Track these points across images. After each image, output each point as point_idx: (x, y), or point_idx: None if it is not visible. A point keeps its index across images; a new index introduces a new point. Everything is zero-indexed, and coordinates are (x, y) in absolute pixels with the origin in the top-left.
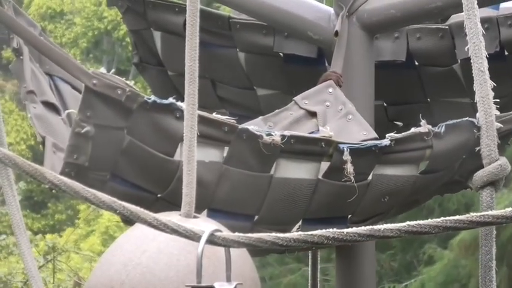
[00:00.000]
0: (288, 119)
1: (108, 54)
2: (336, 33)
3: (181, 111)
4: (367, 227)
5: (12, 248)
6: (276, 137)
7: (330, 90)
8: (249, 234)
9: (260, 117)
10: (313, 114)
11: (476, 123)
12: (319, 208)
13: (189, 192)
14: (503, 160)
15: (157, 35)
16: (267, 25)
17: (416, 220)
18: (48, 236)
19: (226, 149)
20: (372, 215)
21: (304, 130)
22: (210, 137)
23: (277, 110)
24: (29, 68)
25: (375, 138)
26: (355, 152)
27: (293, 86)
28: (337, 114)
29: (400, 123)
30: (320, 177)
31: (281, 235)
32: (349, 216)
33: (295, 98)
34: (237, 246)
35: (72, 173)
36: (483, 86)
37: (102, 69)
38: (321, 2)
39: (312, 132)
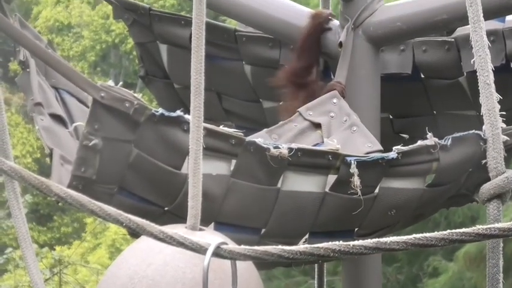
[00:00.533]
0: (292, 130)
1: (115, 68)
2: (340, 44)
3: (189, 124)
4: (374, 240)
5: (19, 261)
6: (284, 150)
7: (335, 100)
8: (255, 247)
9: (264, 129)
10: (317, 126)
11: (482, 136)
12: (326, 221)
13: (194, 204)
14: (509, 173)
15: (163, 48)
16: (273, 38)
17: (422, 233)
18: (57, 248)
19: (234, 162)
20: (379, 228)
21: (308, 142)
22: (217, 150)
23: (281, 122)
24: (36, 81)
25: (380, 151)
26: (362, 164)
27: None
28: (341, 126)
29: (406, 136)
30: (327, 190)
31: (287, 248)
32: (356, 229)
33: (299, 109)
34: (243, 259)
35: (79, 186)
36: (489, 99)
37: (110, 82)
38: None
39: (316, 144)
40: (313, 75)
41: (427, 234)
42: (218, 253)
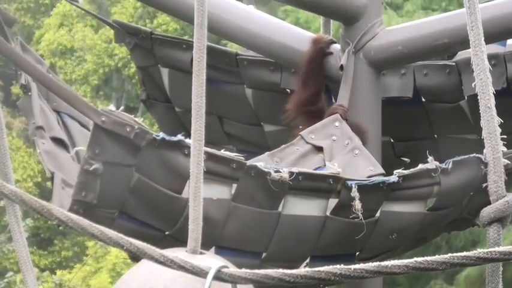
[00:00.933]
0: (294, 154)
1: (118, 92)
2: (341, 67)
3: (190, 148)
4: (375, 263)
5: (19, 285)
6: (284, 174)
7: (337, 124)
8: (256, 271)
9: (266, 152)
10: (319, 149)
11: (483, 159)
12: (327, 245)
13: (195, 228)
14: (510, 197)
15: (164, 72)
16: (274, 62)
17: (423, 256)
18: (58, 272)
19: (234, 186)
20: (380, 252)
21: (310, 165)
22: (218, 173)
23: (283, 146)
24: (38, 104)
25: (382, 174)
26: (363, 188)
27: None
28: (343, 149)
29: (407, 160)
30: (328, 214)
31: (288, 271)
32: (357, 253)
33: (301, 133)
34: (244, 282)
35: (80, 210)
36: (490, 123)
37: (111, 107)
38: None
39: (318, 168)
40: (322, 99)
41: (428, 258)
42: (219, 276)
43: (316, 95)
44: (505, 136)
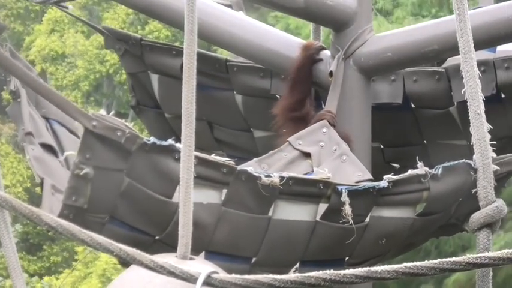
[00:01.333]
0: (282, 160)
1: (108, 97)
2: (331, 74)
3: (180, 152)
4: (365, 269)
5: None
6: (275, 179)
7: (324, 130)
8: (246, 276)
9: (254, 159)
10: (307, 155)
11: (473, 165)
12: (316, 250)
13: (185, 233)
14: (499, 202)
15: (154, 78)
16: (264, 68)
17: (413, 262)
18: (45, 278)
19: (225, 191)
20: (369, 257)
21: (298, 171)
22: (208, 178)
23: (271, 152)
24: (27, 111)
25: (370, 179)
26: (353, 193)
27: None
28: (331, 155)
29: (396, 165)
30: (318, 219)
31: (278, 277)
32: (346, 258)
33: (289, 139)
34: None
35: (70, 215)
36: (480, 129)
37: (102, 111)
38: None
39: (306, 173)
40: (308, 106)
41: (418, 263)
42: (209, 282)
43: (302, 101)
44: (494, 142)
